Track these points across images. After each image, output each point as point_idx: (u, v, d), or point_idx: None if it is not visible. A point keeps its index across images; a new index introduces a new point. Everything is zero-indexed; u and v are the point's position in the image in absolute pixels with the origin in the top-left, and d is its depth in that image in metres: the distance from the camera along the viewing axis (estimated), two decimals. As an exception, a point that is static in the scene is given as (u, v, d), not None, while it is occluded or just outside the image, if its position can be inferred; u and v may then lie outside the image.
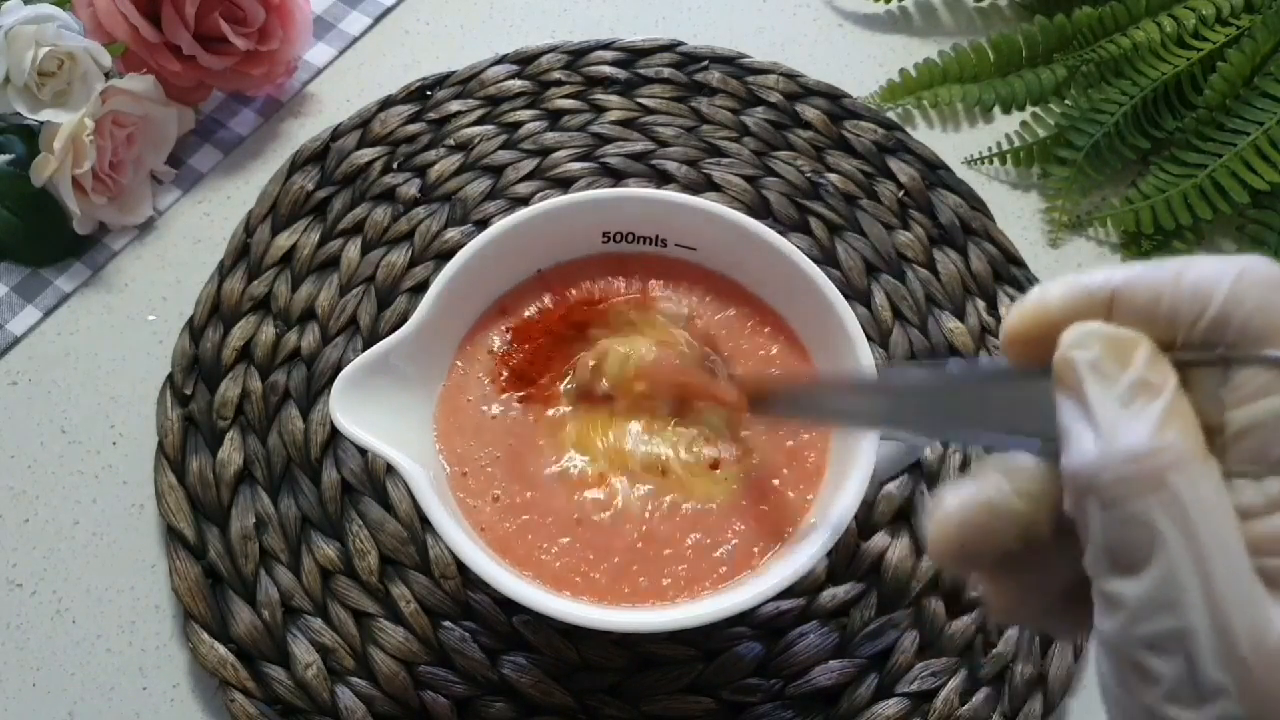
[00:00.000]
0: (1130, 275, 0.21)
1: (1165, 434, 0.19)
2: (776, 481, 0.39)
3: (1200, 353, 0.20)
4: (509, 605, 0.42)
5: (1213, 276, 0.20)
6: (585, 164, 0.53)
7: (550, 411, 0.40)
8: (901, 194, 0.53)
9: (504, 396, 0.40)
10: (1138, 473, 0.19)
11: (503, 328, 0.42)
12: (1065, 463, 0.20)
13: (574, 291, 0.43)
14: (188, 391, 0.47)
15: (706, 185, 0.53)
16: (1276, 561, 0.19)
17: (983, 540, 0.23)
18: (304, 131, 0.55)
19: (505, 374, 0.41)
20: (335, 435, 0.46)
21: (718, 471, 0.39)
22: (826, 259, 0.51)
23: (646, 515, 0.38)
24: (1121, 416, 0.20)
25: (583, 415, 0.40)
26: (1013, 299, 0.50)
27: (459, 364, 0.41)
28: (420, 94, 0.56)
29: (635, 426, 0.40)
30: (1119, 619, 0.20)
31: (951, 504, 0.23)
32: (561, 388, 0.41)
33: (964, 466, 0.46)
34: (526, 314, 0.43)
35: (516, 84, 0.56)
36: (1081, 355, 0.21)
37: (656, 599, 0.37)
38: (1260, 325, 0.20)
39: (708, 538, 0.38)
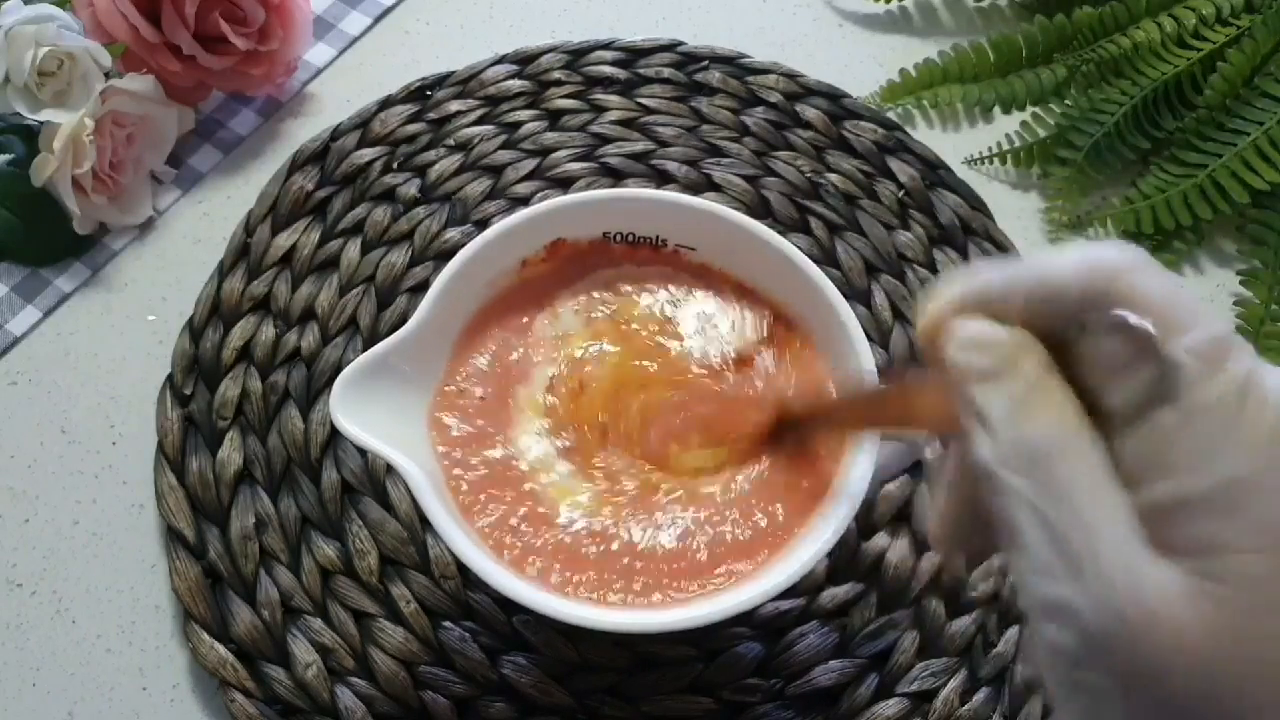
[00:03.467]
0: (1004, 280, 0.24)
1: (1043, 427, 0.22)
2: (777, 481, 0.39)
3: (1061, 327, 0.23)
4: (509, 605, 0.42)
5: (1070, 270, 0.23)
6: (585, 164, 0.53)
7: (546, 409, 0.40)
8: (901, 194, 0.53)
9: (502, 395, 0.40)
10: (1025, 465, 0.22)
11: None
12: (969, 455, 0.23)
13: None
14: (188, 391, 0.47)
15: (706, 185, 0.53)
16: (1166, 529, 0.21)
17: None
18: (304, 131, 0.55)
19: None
20: (335, 435, 0.46)
21: (719, 471, 0.39)
22: (826, 259, 0.51)
23: (646, 516, 0.38)
24: (1008, 417, 0.22)
25: (578, 415, 0.40)
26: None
27: (459, 363, 0.41)
28: (420, 94, 0.56)
29: (636, 428, 0.40)
30: (1025, 590, 0.22)
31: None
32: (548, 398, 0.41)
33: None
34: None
35: (516, 84, 0.56)
36: (965, 359, 0.23)
37: (656, 599, 0.37)
38: (1119, 297, 0.22)
39: (708, 537, 0.38)
